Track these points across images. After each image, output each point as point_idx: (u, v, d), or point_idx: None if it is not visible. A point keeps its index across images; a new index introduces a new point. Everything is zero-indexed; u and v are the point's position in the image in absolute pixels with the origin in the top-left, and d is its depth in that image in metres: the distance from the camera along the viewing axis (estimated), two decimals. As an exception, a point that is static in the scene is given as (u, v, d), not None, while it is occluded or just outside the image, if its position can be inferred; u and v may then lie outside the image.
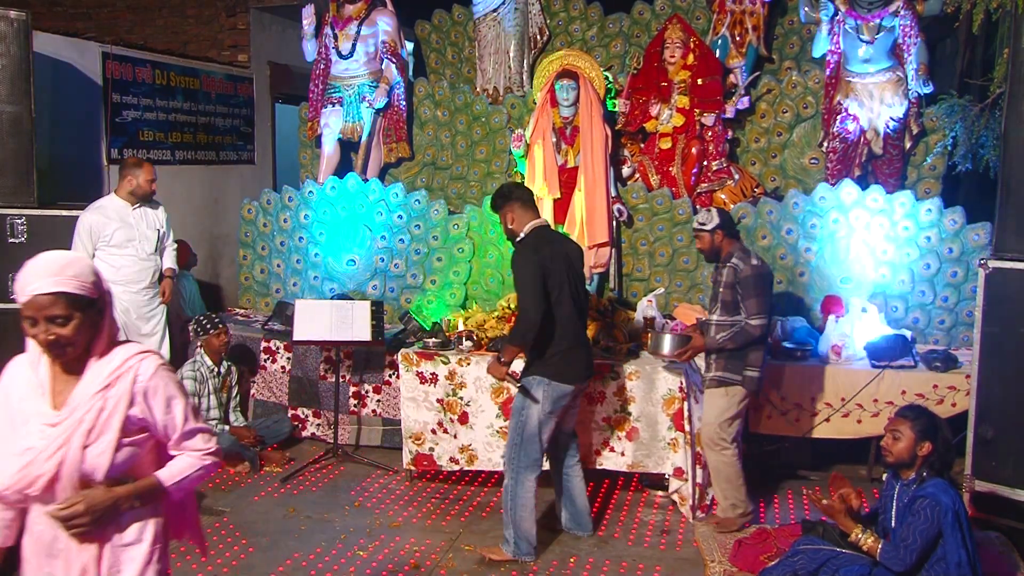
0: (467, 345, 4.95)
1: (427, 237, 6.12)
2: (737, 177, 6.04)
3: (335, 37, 6.42)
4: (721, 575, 3.95)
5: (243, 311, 6.57)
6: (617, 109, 6.05)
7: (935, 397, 4.78)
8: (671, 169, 6.06)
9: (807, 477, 5.20)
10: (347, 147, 6.61)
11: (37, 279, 1.95)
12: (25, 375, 2.07)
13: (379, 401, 5.58)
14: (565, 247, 4.12)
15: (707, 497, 4.69)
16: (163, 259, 5.53)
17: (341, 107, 6.46)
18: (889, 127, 5.68)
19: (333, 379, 5.49)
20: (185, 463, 2.14)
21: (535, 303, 3.84)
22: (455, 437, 4.91)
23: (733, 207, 5.85)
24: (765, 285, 4.22)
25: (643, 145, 6.23)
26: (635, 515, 4.67)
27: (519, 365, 4.15)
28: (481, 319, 5.29)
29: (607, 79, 6.02)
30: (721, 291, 4.29)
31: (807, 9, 6.04)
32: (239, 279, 6.81)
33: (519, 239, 4.05)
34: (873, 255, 5.59)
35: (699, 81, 5.97)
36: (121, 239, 5.28)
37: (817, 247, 5.69)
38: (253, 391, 5.85)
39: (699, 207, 5.95)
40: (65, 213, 5.35)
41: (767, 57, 6.62)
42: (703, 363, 4.47)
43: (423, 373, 4.91)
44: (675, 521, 4.55)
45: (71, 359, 2.03)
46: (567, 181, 5.77)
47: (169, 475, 2.12)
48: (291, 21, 8.04)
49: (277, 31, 8.52)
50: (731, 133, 6.19)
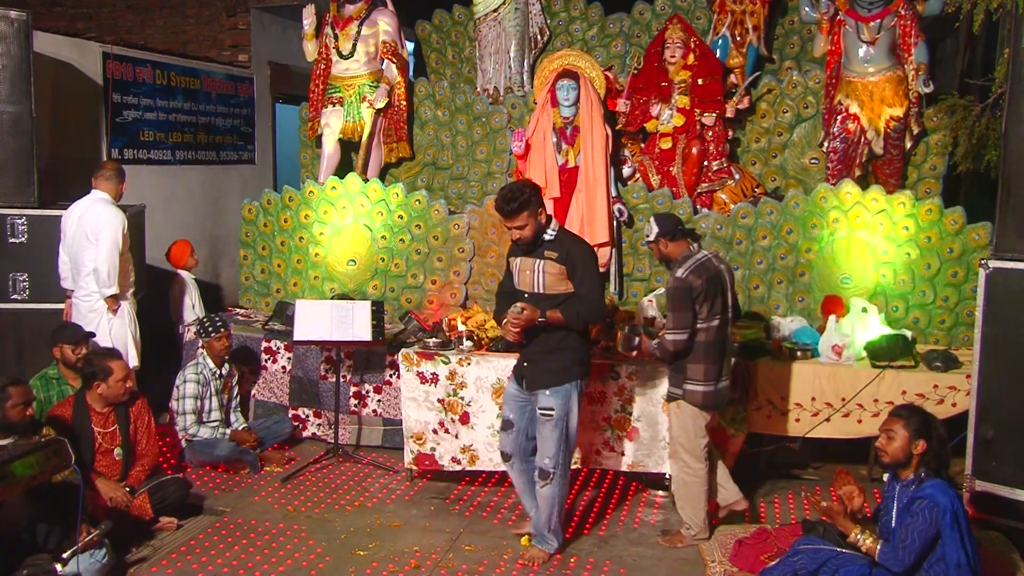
0: (467, 345, 4.95)
1: (427, 237, 6.13)
2: (737, 177, 6.04)
3: (335, 37, 6.42)
4: (721, 575, 3.95)
5: (244, 311, 6.56)
6: (618, 109, 6.05)
7: (935, 397, 4.78)
8: (671, 169, 6.06)
9: (807, 477, 5.20)
10: (348, 147, 6.62)
11: None
12: None
13: (380, 401, 5.58)
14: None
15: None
16: None
17: (342, 107, 6.45)
18: (889, 127, 5.68)
19: (333, 379, 5.49)
20: None
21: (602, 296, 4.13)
22: (456, 437, 4.91)
23: (733, 207, 5.86)
24: (682, 299, 3.99)
25: (643, 145, 6.23)
26: (635, 515, 4.67)
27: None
28: (481, 319, 5.29)
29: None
30: None
31: (807, 9, 6.05)
32: (240, 279, 6.81)
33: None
34: (873, 255, 5.59)
35: (699, 81, 5.97)
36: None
37: (817, 247, 5.70)
38: (254, 391, 5.85)
39: (699, 207, 5.98)
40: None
41: (767, 57, 6.62)
42: None
43: (423, 373, 4.92)
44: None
45: None
46: (567, 181, 5.76)
47: None
48: (291, 21, 8.04)
49: (277, 31, 8.53)
50: (731, 133, 6.19)
